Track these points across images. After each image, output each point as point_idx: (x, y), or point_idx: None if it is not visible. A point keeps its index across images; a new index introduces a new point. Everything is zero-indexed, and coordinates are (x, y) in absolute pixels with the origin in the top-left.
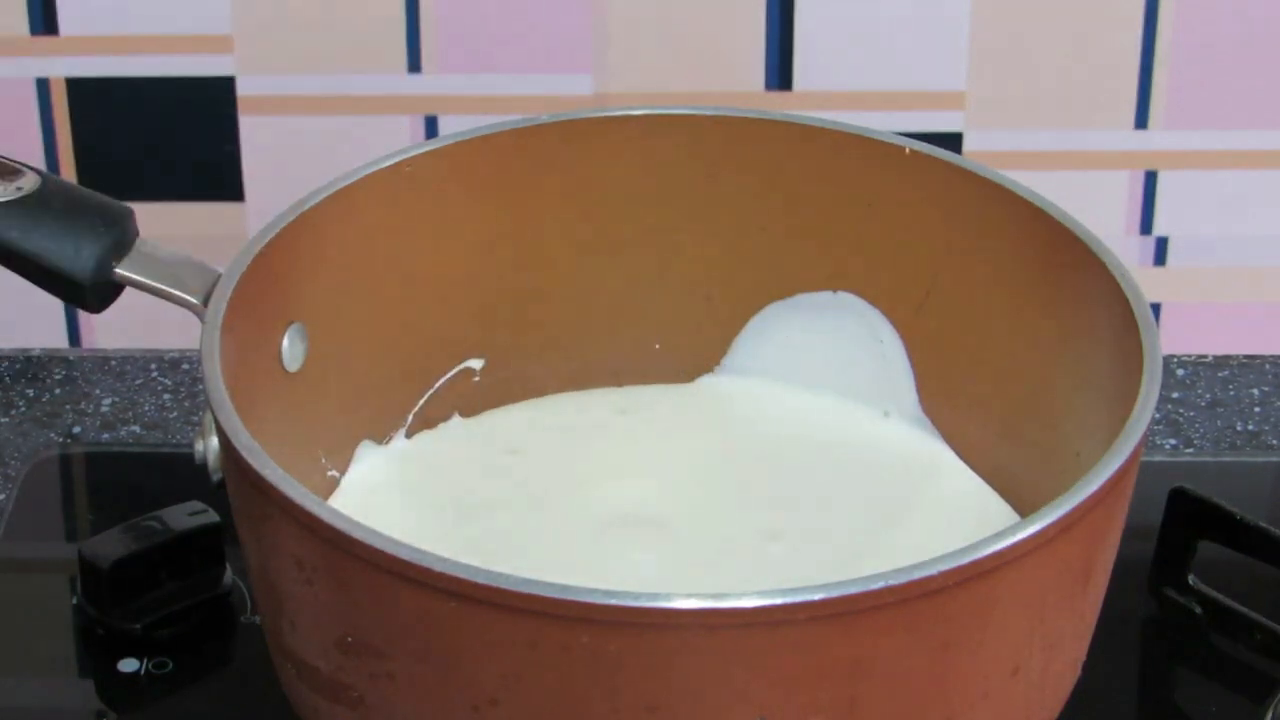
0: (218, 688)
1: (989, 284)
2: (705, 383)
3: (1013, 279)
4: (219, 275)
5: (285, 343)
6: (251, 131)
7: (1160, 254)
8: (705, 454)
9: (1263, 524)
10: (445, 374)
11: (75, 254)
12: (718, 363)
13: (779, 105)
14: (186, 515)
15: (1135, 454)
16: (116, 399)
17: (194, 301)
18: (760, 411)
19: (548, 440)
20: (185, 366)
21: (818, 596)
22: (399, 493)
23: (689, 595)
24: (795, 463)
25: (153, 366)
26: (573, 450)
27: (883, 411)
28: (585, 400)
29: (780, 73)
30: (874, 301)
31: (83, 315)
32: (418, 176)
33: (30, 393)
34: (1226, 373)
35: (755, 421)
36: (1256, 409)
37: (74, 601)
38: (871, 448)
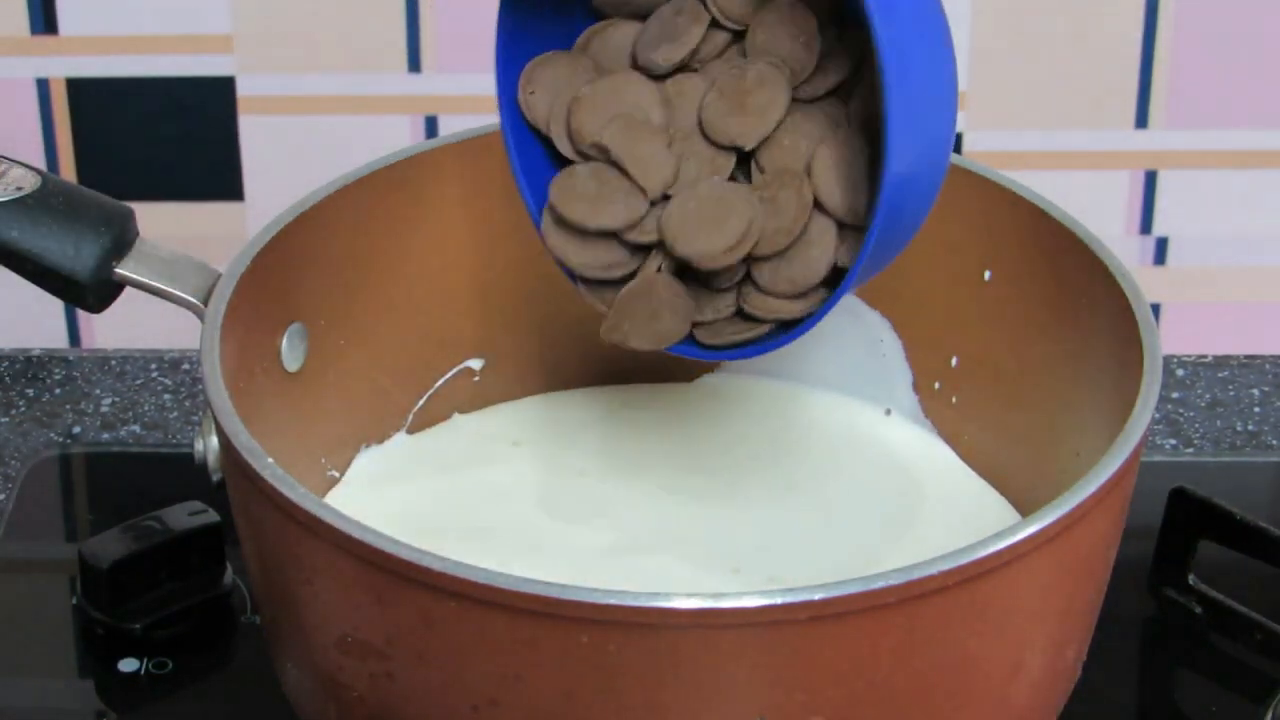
0: (218, 688)
1: (989, 284)
2: (705, 382)
3: (1013, 279)
4: (219, 275)
5: (285, 343)
6: (251, 131)
7: (1160, 254)
8: (705, 453)
9: (1263, 524)
10: (445, 374)
11: (75, 254)
12: (718, 362)
13: None
14: (186, 515)
15: (1135, 454)
16: (116, 399)
17: (194, 301)
18: (760, 411)
19: (548, 438)
20: (185, 366)
21: (818, 596)
22: (399, 492)
23: (689, 595)
24: (795, 462)
25: (153, 366)
26: (573, 448)
27: (883, 411)
28: (586, 398)
29: None
30: (874, 302)
31: (83, 315)
32: (418, 176)
33: (30, 393)
34: (1226, 373)
35: (755, 421)
36: (1256, 409)
37: (74, 601)
38: (872, 447)
